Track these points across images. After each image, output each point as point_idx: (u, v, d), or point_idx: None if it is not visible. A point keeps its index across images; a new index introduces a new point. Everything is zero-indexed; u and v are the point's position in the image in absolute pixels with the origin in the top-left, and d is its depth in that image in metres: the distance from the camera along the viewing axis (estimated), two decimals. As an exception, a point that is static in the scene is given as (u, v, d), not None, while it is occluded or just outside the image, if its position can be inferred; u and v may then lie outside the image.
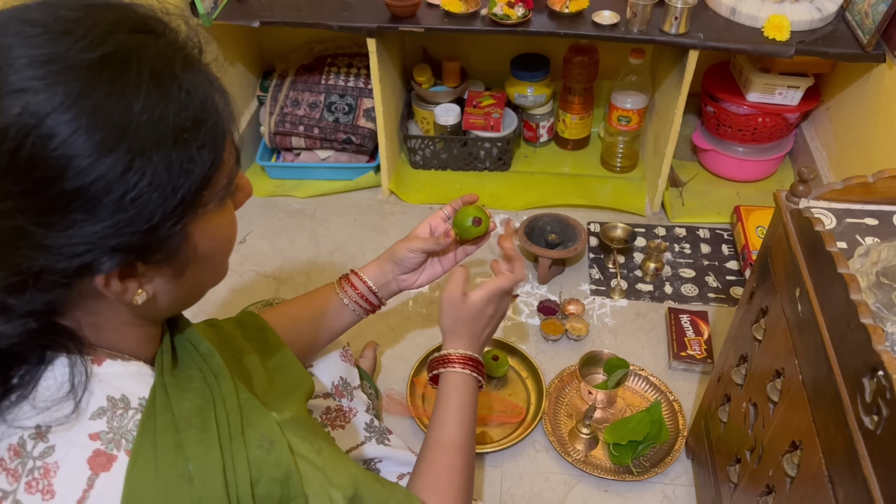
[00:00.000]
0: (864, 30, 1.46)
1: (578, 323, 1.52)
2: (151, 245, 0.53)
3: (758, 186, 1.88)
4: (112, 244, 0.50)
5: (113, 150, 0.48)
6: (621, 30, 1.54)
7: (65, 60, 0.47)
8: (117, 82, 0.48)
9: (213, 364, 0.65)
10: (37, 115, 0.46)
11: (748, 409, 0.96)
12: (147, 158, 0.49)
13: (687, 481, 1.27)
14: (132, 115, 0.48)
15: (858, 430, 0.65)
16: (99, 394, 0.56)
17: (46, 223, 0.48)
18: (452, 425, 0.89)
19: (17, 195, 0.47)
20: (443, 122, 1.88)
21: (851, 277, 0.68)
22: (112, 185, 0.48)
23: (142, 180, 0.49)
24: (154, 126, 0.49)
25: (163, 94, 0.50)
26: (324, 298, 1.05)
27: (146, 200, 0.50)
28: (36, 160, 0.46)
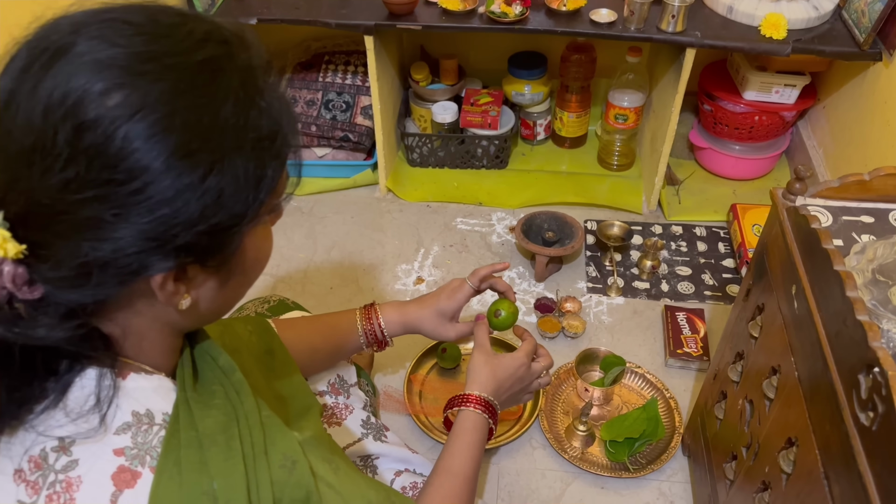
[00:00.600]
0: (861, 28, 1.47)
1: (575, 320, 1.52)
2: (211, 248, 0.54)
3: (754, 185, 1.89)
4: (179, 242, 0.51)
5: (199, 150, 0.49)
6: (618, 28, 1.55)
7: (163, 61, 0.50)
8: (210, 87, 0.51)
9: (233, 379, 0.65)
10: (132, 109, 0.47)
11: (744, 406, 0.97)
12: (228, 163, 0.51)
13: (683, 478, 1.28)
14: (220, 119, 0.51)
15: (854, 426, 0.65)
16: (125, 408, 0.56)
17: (123, 215, 0.49)
18: (463, 458, 0.94)
19: (99, 184, 0.48)
20: (440, 119, 1.88)
21: (847, 275, 0.69)
22: (192, 184, 0.49)
23: (219, 183, 0.51)
24: (238, 133, 0.52)
25: (248, 104, 0.53)
26: (344, 331, 1.09)
27: (219, 203, 0.51)
28: (124, 152, 0.47)
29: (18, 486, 0.53)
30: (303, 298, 1.57)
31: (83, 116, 0.47)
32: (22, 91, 0.48)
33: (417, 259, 1.71)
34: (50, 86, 0.48)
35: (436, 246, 1.74)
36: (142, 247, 0.50)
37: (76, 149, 0.47)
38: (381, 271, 1.68)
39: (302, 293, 1.62)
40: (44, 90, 0.48)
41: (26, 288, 0.50)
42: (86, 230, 0.49)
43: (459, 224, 1.80)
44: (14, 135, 0.48)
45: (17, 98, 0.49)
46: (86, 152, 0.47)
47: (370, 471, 1.06)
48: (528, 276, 1.66)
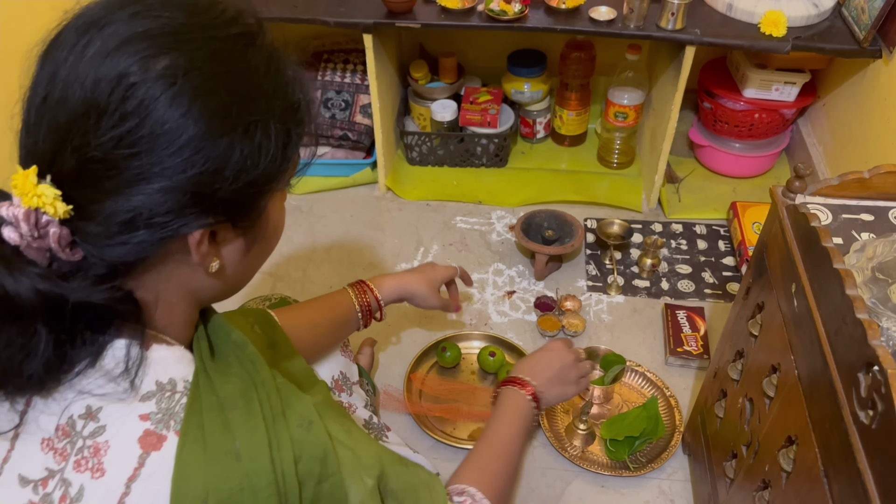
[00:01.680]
0: (861, 25, 1.46)
1: (575, 319, 1.52)
2: (243, 208, 0.59)
3: (754, 182, 1.88)
4: (217, 199, 0.55)
5: (238, 112, 0.55)
6: (618, 25, 1.54)
7: (204, 31, 0.55)
8: (245, 56, 0.56)
9: (247, 352, 0.67)
10: (178, 71, 0.52)
11: (744, 404, 0.97)
12: (262, 125, 0.56)
13: (683, 476, 1.27)
14: (255, 85, 0.56)
15: (853, 424, 0.65)
16: (150, 377, 0.58)
17: (168, 170, 0.52)
18: (507, 430, 0.97)
19: (149, 139, 0.51)
20: (439, 118, 1.88)
21: (847, 273, 0.69)
22: (232, 143, 0.54)
23: (254, 143, 0.56)
24: (271, 98, 0.57)
25: (280, 73, 0.59)
26: (340, 305, 1.13)
27: (254, 163, 0.56)
28: (172, 111, 0.52)
29: (46, 455, 0.55)
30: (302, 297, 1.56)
31: (131, 79, 0.51)
32: (71, 62, 0.52)
33: (417, 258, 1.71)
34: (99, 56, 0.52)
35: (435, 245, 1.74)
36: (183, 202, 0.54)
37: (127, 109, 0.51)
38: (381, 270, 1.68)
39: (301, 292, 1.62)
40: (94, 59, 0.52)
41: (69, 250, 0.53)
42: (134, 184, 0.52)
43: (459, 223, 1.80)
44: (65, 102, 0.52)
45: (67, 69, 0.52)
46: (135, 112, 0.51)
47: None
48: (527, 275, 1.66)
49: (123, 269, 0.56)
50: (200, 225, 0.56)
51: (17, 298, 0.52)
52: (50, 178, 0.51)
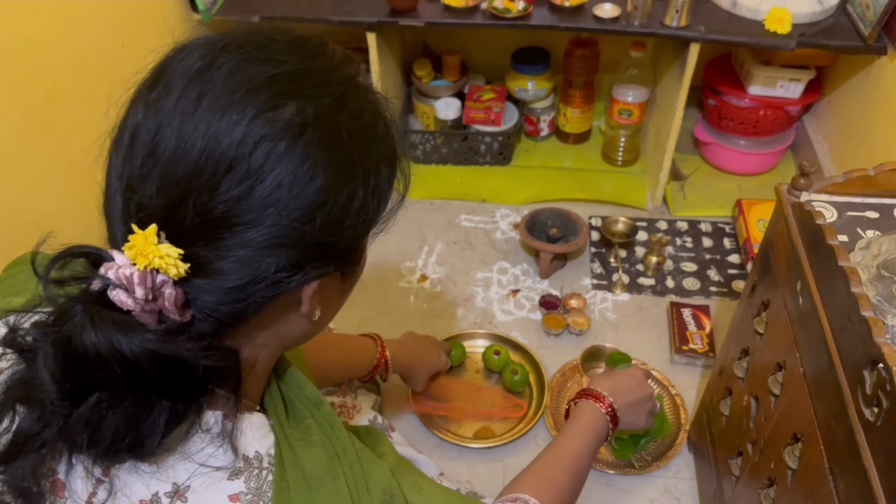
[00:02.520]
0: (866, 22, 1.46)
1: (580, 317, 1.52)
2: (354, 255, 0.58)
3: (759, 180, 1.88)
4: (337, 249, 0.54)
5: (359, 160, 0.53)
6: (622, 23, 1.54)
7: (324, 77, 0.53)
8: (358, 102, 0.54)
9: (324, 411, 0.64)
10: (305, 120, 0.50)
11: (750, 402, 0.96)
12: (376, 170, 0.55)
13: (689, 475, 1.27)
14: (369, 130, 0.55)
15: (859, 422, 0.65)
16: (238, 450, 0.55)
17: (294, 224, 0.50)
18: (580, 443, 0.94)
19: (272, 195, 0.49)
20: (443, 116, 1.88)
21: (852, 270, 0.68)
22: (355, 191, 0.52)
23: (372, 190, 0.54)
24: (381, 142, 0.56)
25: (381, 116, 0.57)
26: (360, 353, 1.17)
27: (373, 207, 0.55)
28: (300, 163, 0.49)
29: None
30: (307, 296, 1.57)
31: (260, 130, 0.48)
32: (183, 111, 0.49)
33: (421, 257, 1.71)
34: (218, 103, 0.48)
35: (439, 243, 1.74)
36: (306, 255, 0.52)
37: (254, 161, 0.48)
38: (385, 269, 1.68)
39: (306, 291, 1.62)
40: (212, 109, 0.48)
41: (183, 310, 0.50)
42: (258, 241, 0.49)
43: (463, 221, 1.80)
44: (183, 155, 0.48)
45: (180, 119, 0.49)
46: (264, 165, 0.48)
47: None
48: (532, 274, 1.66)
49: (233, 325, 0.53)
50: (318, 276, 0.54)
51: (135, 364, 0.48)
52: (165, 235, 0.48)
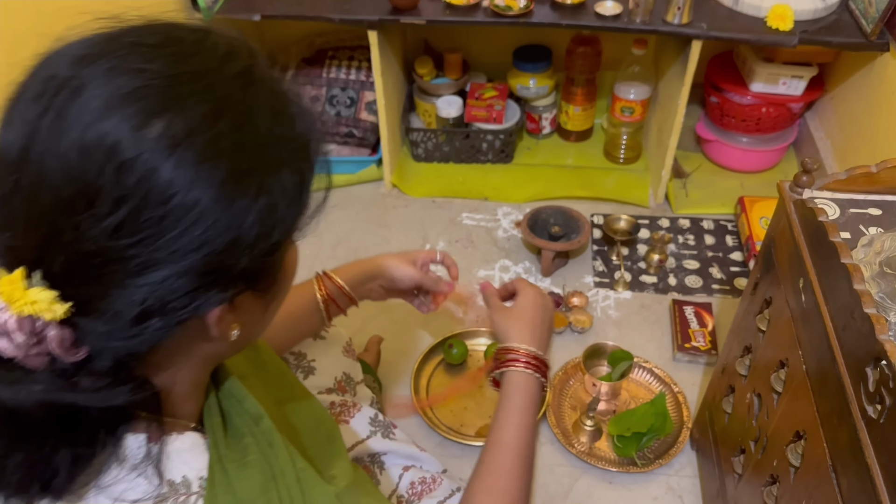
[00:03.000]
0: (868, 19, 1.45)
1: (582, 315, 1.52)
2: (264, 271, 0.52)
3: (762, 177, 1.87)
4: (237, 271, 0.48)
5: (249, 171, 0.47)
6: (624, 20, 1.54)
7: (198, 81, 0.46)
8: (247, 102, 0.48)
9: (263, 428, 0.61)
10: (175, 138, 0.44)
11: (752, 399, 0.96)
12: (276, 178, 0.48)
13: (691, 472, 1.27)
14: (263, 134, 0.48)
15: (861, 419, 0.65)
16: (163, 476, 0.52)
17: (180, 252, 0.45)
18: (513, 428, 0.87)
19: (152, 223, 0.44)
20: (445, 114, 1.88)
21: (855, 267, 0.68)
22: (247, 207, 0.46)
23: (271, 201, 0.48)
24: (280, 145, 0.49)
25: (282, 113, 0.50)
26: (298, 297, 1.02)
27: (274, 221, 0.49)
28: (175, 185, 0.44)
29: None
30: (309, 295, 1.57)
31: (124, 154, 0.43)
32: (43, 138, 0.44)
33: (423, 254, 1.71)
34: (78, 127, 0.43)
35: (441, 241, 1.74)
36: (200, 282, 0.47)
37: (122, 189, 0.43)
38: (388, 267, 1.68)
39: (308, 289, 1.62)
40: (72, 133, 0.43)
41: (72, 350, 0.46)
42: (141, 273, 0.45)
43: (465, 219, 1.80)
44: (46, 186, 0.44)
45: (39, 146, 0.44)
46: (134, 191, 0.43)
47: (378, 467, 1.06)
48: (534, 271, 1.65)
49: (134, 359, 0.50)
50: (220, 301, 0.49)
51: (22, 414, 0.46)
52: (41, 275, 0.44)
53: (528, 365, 0.91)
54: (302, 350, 1.10)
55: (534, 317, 0.97)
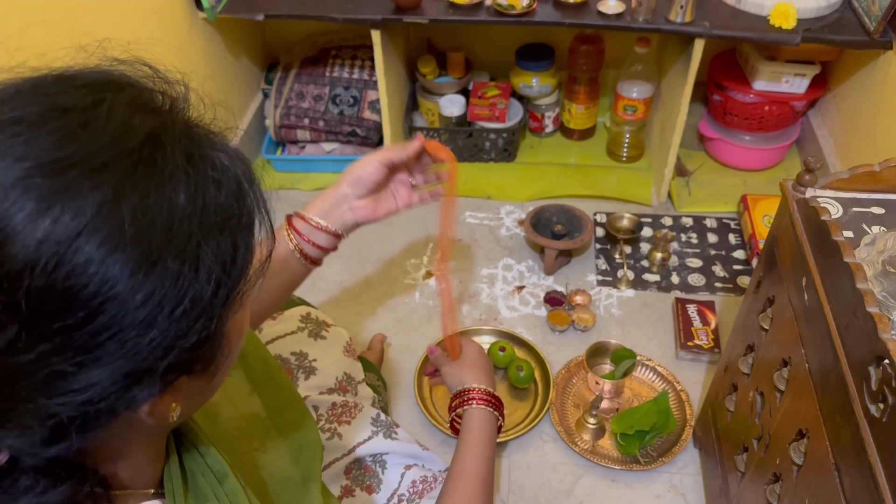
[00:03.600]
0: (871, 17, 1.45)
1: (585, 314, 1.52)
2: (197, 355, 0.46)
3: (765, 175, 1.87)
4: (164, 365, 0.43)
5: (161, 257, 0.40)
6: (627, 19, 1.54)
7: (89, 162, 0.39)
8: (154, 177, 0.41)
9: (228, 488, 0.57)
10: (69, 233, 0.38)
11: (755, 398, 0.97)
12: (197, 257, 0.42)
13: (694, 470, 1.28)
14: (176, 209, 0.41)
15: (864, 418, 0.65)
16: None
17: (91, 359, 0.40)
18: (476, 459, 0.94)
19: (53, 333, 0.39)
20: (448, 113, 1.88)
21: (857, 266, 0.69)
22: (166, 297, 0.41)
23: (194, 284, 0.42)
24: (199, 218, 0.42)
25: (201, 178, 0.43)
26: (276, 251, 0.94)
27: (201, 306, 0.43)
28: (75, 287, 0.38)
29: None
30: (312, 294, 1.58)
31: (10, 259, 0.37)
32: None
33: (426, 253, 1.71)
34: None
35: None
36: (122, 384, 0.41)
37: (12, 299, 0.37)
38: (391, 266, 1.68)
39: (311, 289, 1.63)
40: None
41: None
42: (50, 388, 0.40)
43: (468, 218, 1.80)
44: None
45: None
46: (26, 300, 0.37)
47: (380, 466, 1.06)
48: (537, 270, 1.66)
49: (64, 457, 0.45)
50: (148, 397, 0.44)
51: None
52: None
53: (488, 403, 1.00)
54: (303, 350, 1.11)
55: (484, 365, 1.09)
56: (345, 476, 1.04)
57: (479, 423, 0.98)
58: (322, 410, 1.06)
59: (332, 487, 1.04)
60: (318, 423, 1.04)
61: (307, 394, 1.06)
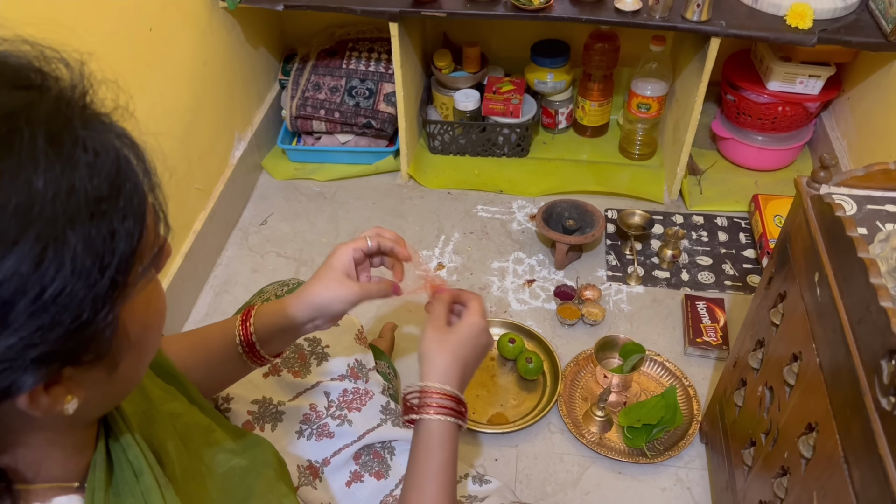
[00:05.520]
0: (888, 19, 1.46)
1: (595, 308, 1.53)
2: (80, 345, 0.43)
3: (776, 175, 1.88)
4: (34, 355, 0.40)
5: (18, 242, 0.38)
6: (643, 16, 1.55)
7: None
8: (8, 158, 0.38)
9: (142, 485, 0.55)
10: None
11: (764, 392, 0.98)
12: (62, 243, 0.39)
13: (700, 465, 1.29)
14: (35, 194, 0.38)
15: (875, 411, 0.66)
16: None
17: None
18: (433, 491, 0.77)
19: None
20: (462, 107, 1.89)
21: (871, 262, 0.69)
22: (24, 285, 0.38)
23: (60, 271, 0.39)
24: (64, 202, 0.39)
25: (67, 161, 0.40)
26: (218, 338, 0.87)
27: (69, 294, 0.40)
28: None
29: None
30: (325, 282, 1.59)
31: None
32: None
33: (438, 245, 1.73)
34: None
35: (456, 233, 1.76)
36: None
37: None
38: (403, 257, 1.70)
39: (324, 277, 1.64)
40: None
41: None
42: None
43: (480, 211, 1.82)
44: None
45: None
46: None
47: (388, 453, 1.07)
48: (548, 264, 1.67)
49: None
50: (24, 389, 0.41)
51: None
52: None
53: (450, 412, 0.79)
54: (316, 336, 1.12)
55: (468, 356, 0.83)
56: (354, 461, 1.05)
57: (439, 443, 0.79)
58: (333, 397, 1.07)
59: (342, 473, 1.05)
60: (330, 410, 1.06)
61: (319, 379, 1.08)
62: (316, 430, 1.04)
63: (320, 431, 1.04)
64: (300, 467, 1.02)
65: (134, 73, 1.32)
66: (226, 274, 1.67)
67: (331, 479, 1.04)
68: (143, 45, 1.35)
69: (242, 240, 1.76)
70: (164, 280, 1.46)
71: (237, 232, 1.78)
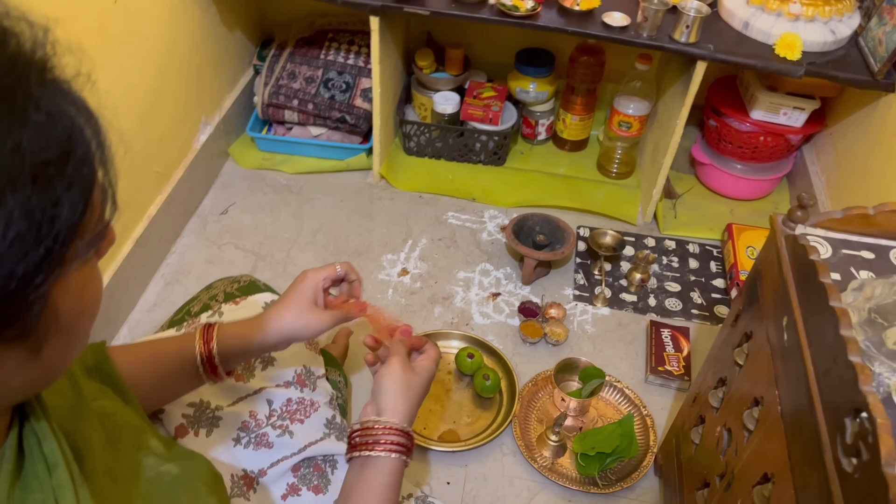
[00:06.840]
0: (877, 58, 1.44)
1: (558, 328, 1.49)
2: (4, 318, 0.40)
3: (752, 206, 1.86)
4: None
5: None
6: (630, 33, 1.51)
7: None
8: None
9: (55, 480, 0.52)
10: None
11: (722, 433, 0.94)
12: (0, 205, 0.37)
13: (652, 499, 1.25)
14: None
15: (835, 471, 0.62)
16: None
17: None
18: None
19: None
20: (441, 110, 1.84)
21: (843, 312, 0.66)
22: None
23: None
24: (6, 161, 0.37)
25: (15, 119, 0.38)
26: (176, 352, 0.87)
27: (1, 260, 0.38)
28: None
29: None
30: (282, 280, 1.54)
31: None
32: None
33: (404, 250, 1.67)
34: None
35: (424, 238, 1.71)
36: None
37: None
38: (367, 259, 1.64)
39: (282, 274, 1.58)
40: None
41: None
42: None
43: (450, 218, 1.77)
44: None
45: None
46: None
47: (330, 466, 1.02)
48: (514, 278, 1.62)
49: None
50: None
51: None
52: None
53: (399, 448, 0.81)
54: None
55: (421, 395, 0.87)
56: (292, 474, 1.00)
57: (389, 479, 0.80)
58: (276, 405, 1.01)
59: (278, 485, 1.00)
60: (271, 419, 1.00)
61: (263, 385, 1.02)
62: (254, 438, 0.99)
63: (259, 440, 0.99)
64: (234, 476, 0.96)
65: (94, 45, 1.25)
66: (179, 263, 1.60)
67: (266, 491, 0.98)
68: (105, 17, 1.28)
69: (200, 228, 1.69)
70: (112, 264, 1.39)
71: (195, 220, 1.71)
